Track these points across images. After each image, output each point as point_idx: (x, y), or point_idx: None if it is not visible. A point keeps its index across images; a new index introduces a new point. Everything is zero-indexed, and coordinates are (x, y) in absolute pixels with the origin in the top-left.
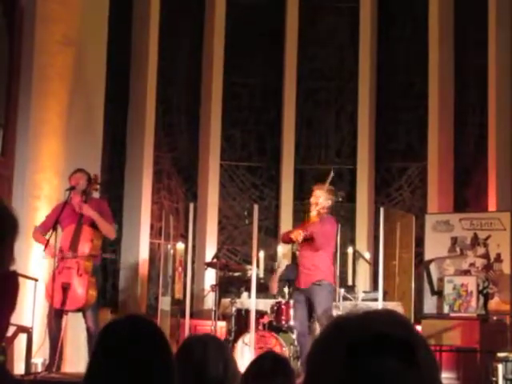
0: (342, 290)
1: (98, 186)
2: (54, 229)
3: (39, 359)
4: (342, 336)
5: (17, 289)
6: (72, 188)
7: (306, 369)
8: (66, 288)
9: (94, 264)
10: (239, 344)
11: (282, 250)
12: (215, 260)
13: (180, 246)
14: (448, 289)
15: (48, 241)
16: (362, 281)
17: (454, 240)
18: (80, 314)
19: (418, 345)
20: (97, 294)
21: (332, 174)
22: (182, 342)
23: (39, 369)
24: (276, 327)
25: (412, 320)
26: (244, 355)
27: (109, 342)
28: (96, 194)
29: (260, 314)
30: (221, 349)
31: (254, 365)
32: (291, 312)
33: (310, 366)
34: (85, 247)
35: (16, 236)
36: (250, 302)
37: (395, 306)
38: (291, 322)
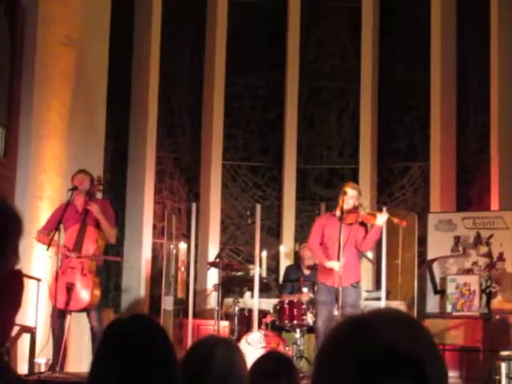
0: None
1: (102, 187)
2: (57, 229)
3: (43, 359)
4: (351, 347)
5: (22, 288)
6: (74, 188)
7: (313, 371)
8: (69, 288)
9: (97, 264)
10: (242, 344)
11: (285, 249)
12: (218, 260)
13: (182, 245)
14: (451, 288)
15: (51, 239)
16: (365, 280)
17: (457, 239)
18: (83, 314)
19: (428, 358)
20: (101, 294)
21: None
22: (191, 345)
23: (43, 369)
24: (279, 327)
25: None
26: (247, 355)
27: (113, 342)
28: (99, 195)
29: (263, 314)
30: (228, 350)
31: (258, 364)
32: (295, 311)
33: (318, 371)
34: (89, 247)
35: (20, 236)
36: (253, 301)
37: (398, 305)
38: (309, 321)
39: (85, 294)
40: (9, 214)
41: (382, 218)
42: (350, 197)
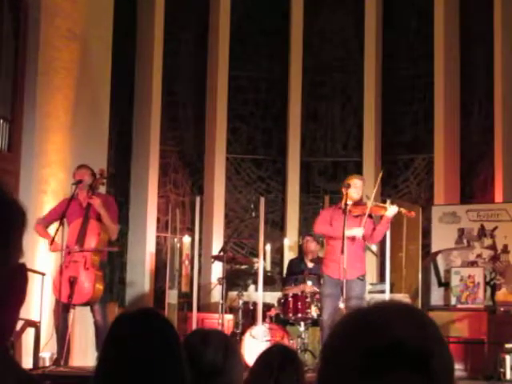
0: None
1: (105, 181)
2: (61, 223)
3: (47, 353)
4: (357, 340)
5: (26, 282)
6: (79, 182)
7: (319, 364)
8: (72, 282)
9: (101, 258)
10: (247, 337)
11: (289, 242)
12: (222, 253)
13: (186, 239)
14: (455, 280)
15: (54, 238)
16: (369, 273)
17: (461, 231)
18: (87, 308)
19: (434, 350)
20: (104, 288)
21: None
22: (183, 339)
23: (47, 363)
24: (283, 320)
25: None
26: (251, 348)
27: (120, 335)
28: (102, 188)
29: (267, 307)
30: (226, 344)
31: (262, 358)
32: (299, 305)
33: (324, 364)
34: (92, 241)
35: (24, 229)
36: (257, 294)
37: (402, 297)
38: (314, 314)
39: (87, 287)
40: (13, 206)
41: (392, 210)
42: (355, 188)
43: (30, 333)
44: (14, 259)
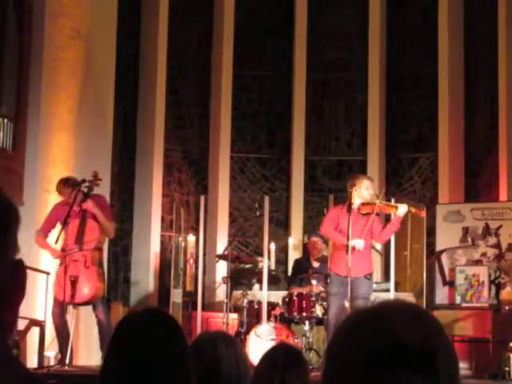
0: None
1: (99, 183)
2: (63, 227)
3: (52, 352)
4: (362, 339)
5: (24, 277)
6: (79, 184)
7: (324, 363)
8: (73, 281)
9: (100, 255)
10: (251, 336)
11: (293, 241)
12: (226, 252)
13: (191, 238)
14: (460, 279)
15: (57, 238)
16: (374, 272)
17: (466, 230)
18: (91, 307)
19: (439, 350)
20: (105, 286)
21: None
22: (192, 341)
23: (52, 362)
24: (288, 319)
25: None
26: (256, 347)
27: (126, 335)
28: (106, 190)
29: (272, 306)
30: (232, 345)
31: (267, 357)
32: (303, 303)
33: (328, 363)
34: (91, 240)
35: (18, 225)
36: (262, 293)
37: (406, 296)
38: (318, 313)
39: (89, 286)
40: (7, 203)
41: (403, 209)
42: (366, 189)
43: (34, 332)
44: (12, 255)
